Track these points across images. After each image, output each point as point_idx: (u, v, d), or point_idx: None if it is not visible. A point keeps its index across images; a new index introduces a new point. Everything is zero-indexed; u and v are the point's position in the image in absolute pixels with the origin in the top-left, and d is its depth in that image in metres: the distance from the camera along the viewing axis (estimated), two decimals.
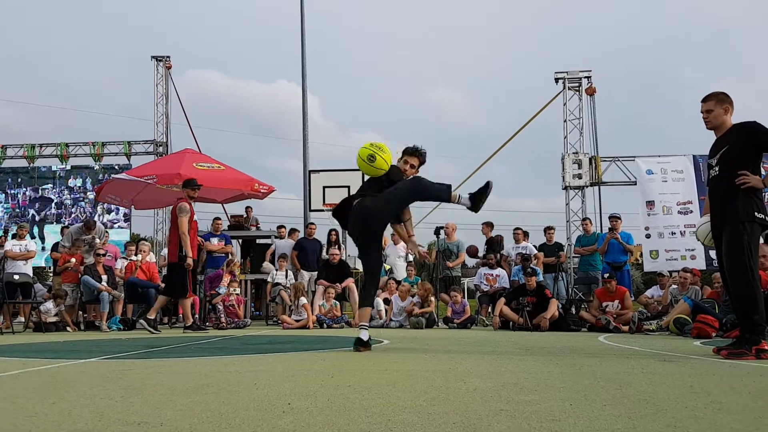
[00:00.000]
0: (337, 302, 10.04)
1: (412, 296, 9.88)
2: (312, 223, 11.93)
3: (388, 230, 5.95)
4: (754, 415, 2.13)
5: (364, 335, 4.85)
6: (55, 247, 11.52)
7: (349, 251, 12.72)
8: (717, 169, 4.56)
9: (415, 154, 5.26)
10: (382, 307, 10.04)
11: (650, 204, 13.28)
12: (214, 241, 10.89)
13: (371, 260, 5.26)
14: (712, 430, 1.89)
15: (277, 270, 10.80)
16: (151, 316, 8.35)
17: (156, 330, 8.14)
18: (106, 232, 12.40)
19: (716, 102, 4.62)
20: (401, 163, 5.23)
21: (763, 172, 4.50)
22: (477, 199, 4.98)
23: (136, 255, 10.73)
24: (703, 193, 12.91)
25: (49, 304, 9.47)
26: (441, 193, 5.02)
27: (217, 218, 11.57)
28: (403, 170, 5.18)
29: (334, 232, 11.39)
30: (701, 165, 13.09)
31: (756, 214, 4.33)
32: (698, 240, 5.10)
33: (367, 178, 5.25)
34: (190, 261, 8.17)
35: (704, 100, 4.68)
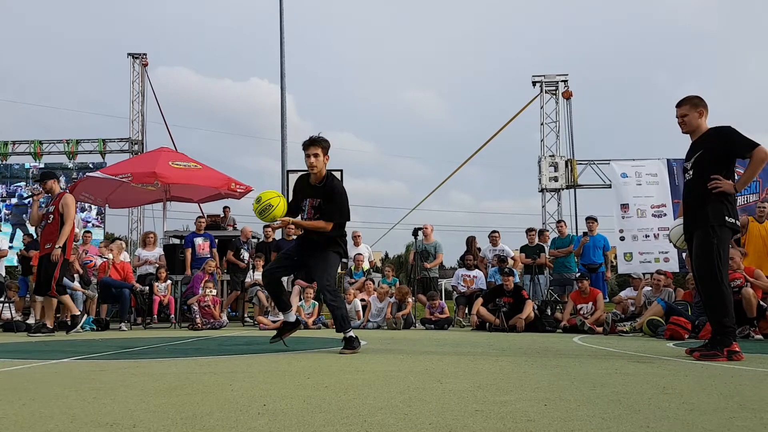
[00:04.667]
0: (316, 302, 9.99)
1: (390, 297, 9.88)
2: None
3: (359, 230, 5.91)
4: (726, 415, 2.16)
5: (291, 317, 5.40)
6: (35, 246, 11.35)
7: None
8: (691, 172, 4.63)
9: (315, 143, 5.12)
10: (359, 307, 10.02)
11: (624, 207, 13.44)
12: (198, 240, 10.75)
13: None
14: (684, 430, 1.91)
15: (254, 270, 10.73)
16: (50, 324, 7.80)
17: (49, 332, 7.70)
18: (89, 232, 12.24)
19: (690, 106, 4.67)
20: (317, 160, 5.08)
21: (736, 176, 4.58)
22: None
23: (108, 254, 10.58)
24: (676, 196, 13.12)
25: None
26: None
27: (200, 217, 11.43)
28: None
29: None
30: (675, 169, 13.29)
31: (726, 218, 4.40)
32: (671, 242, 5.17)
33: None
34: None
35: (679, 105, 4.73)
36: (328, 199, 5.06)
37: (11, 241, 14.85)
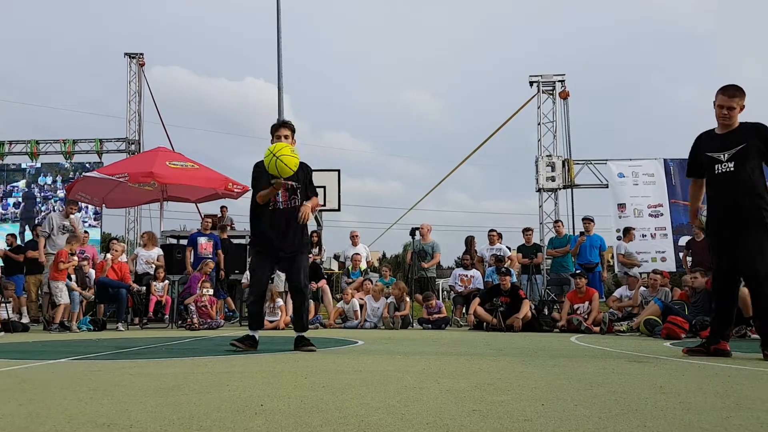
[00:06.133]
0: (312, 302, 9.97)
1: (386, 297, 9.87)
2: None
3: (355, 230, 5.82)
4: (722, 414, 2.16)
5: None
6: (32, 246, 11.24)
7: (327, 253, 12.66)
8: (731, 165, 4.43)
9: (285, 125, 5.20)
10: (357, 307, 10.01)
11: (621, 206, 13.46)
12: (202, 240, 10.69)
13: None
14: (681, 429, 1.92)
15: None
16: None
17: None
18: (86, 232, 12.20)
19: (742, 98, 4.44)
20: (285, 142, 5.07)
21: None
22: None
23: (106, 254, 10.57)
24: (673, 196, 13.16)
25: None
26: None
27: (206, 216, 11.26)
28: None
29: (315, 234, 11.34)
30: (671, 168, 13.32)
31: None
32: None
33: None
34: None
35: (733, 95, 4.43)
36: (309, 178, 5.23)
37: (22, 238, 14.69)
